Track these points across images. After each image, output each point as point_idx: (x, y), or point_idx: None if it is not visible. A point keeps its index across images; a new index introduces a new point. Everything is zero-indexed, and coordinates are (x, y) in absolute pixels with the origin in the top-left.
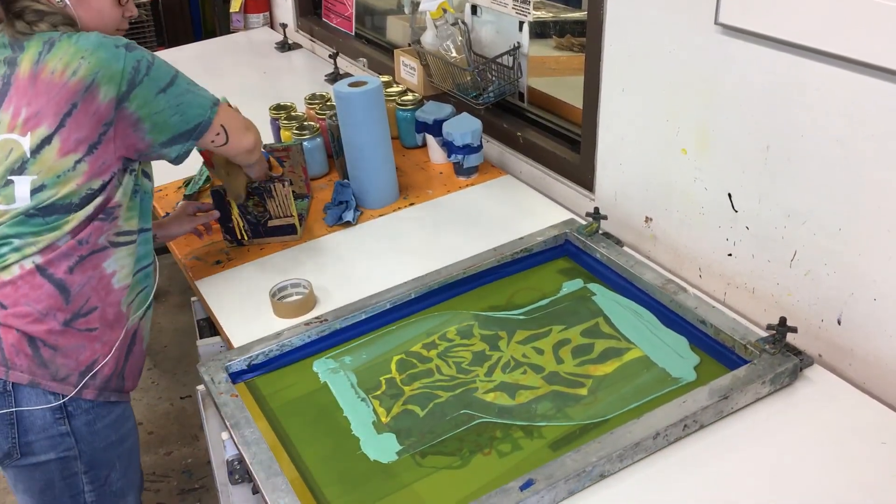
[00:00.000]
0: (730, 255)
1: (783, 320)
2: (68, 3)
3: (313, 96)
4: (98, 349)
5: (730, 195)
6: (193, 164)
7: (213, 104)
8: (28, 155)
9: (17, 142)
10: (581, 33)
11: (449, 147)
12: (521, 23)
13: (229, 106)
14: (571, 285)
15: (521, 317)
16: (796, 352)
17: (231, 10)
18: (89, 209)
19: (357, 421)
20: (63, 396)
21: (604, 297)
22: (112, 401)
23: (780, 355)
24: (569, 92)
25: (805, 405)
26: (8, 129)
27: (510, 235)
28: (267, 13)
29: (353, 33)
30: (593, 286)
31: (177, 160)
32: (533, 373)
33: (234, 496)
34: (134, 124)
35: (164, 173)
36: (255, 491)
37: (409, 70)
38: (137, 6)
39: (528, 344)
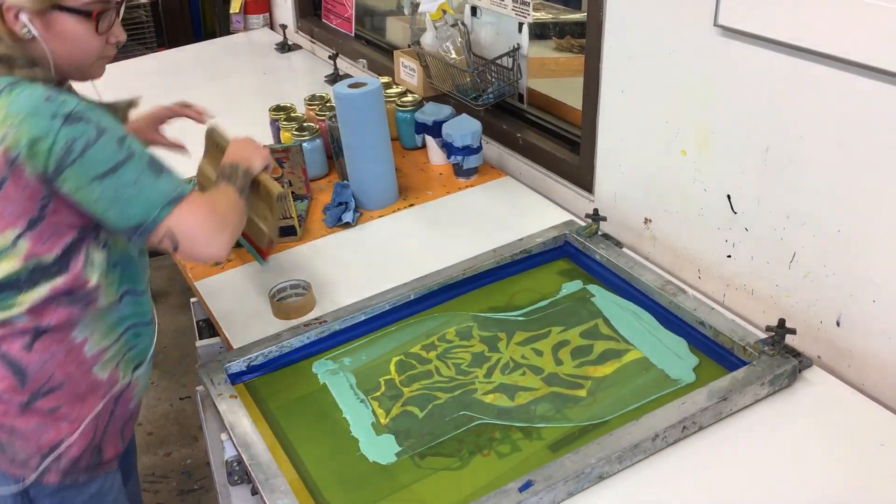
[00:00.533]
0: (729, 256)
1: (782, 322)
2: (37, 35)
3: (313, 97)
4: (64, 428)
5: (729, 196)
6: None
7: (166, 203)
8: None
9: None
10: (580, 34)
11: (448, 148)
12: (521, 24)
13: (201, 196)
14: (571, 286)
15: (521, 318)
16: (795, 353)
17: (231, 11)
18: (44, 290)
19: (356, 422)
20: (23, 480)
21: (603, 298)
22: (82, 482)
23: (779, 357)
24: (568, 93)
25: (804, 407)
26: None
27: (509, 237)
28: (267, 14)
29: (353, 34)
30: (592, 287)
31: (134, 244)
32: (532, 374)
33: (234, 497)
34: (76, 203)
35: None
36: (255, 492)
37: (408, 71)
38: (137, 7)
39: (527, 345)
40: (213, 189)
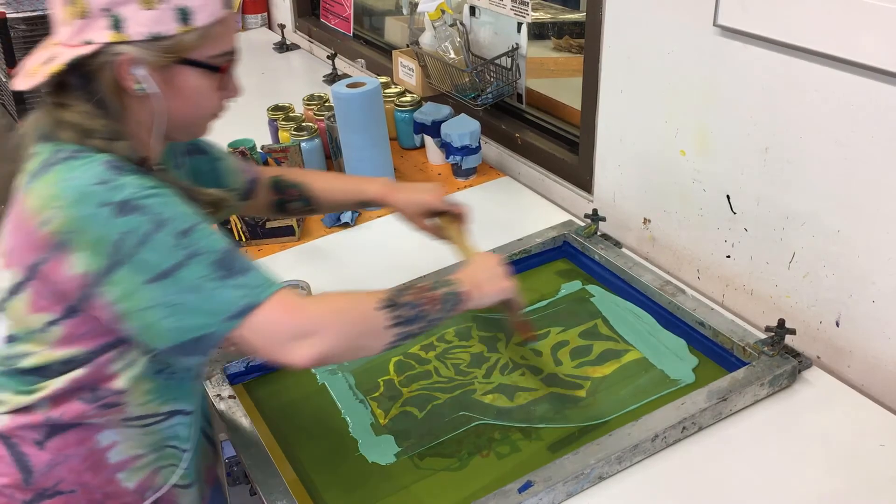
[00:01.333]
0: (728, 256)
1: (782, 322)
2: (153, 93)
3: (311, 97)
4: None
5: (728, 197)
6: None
7: (229, 316)
8: (7, 294)
9: (2, 272)
10: (580, 34)
11: (447, 148)
12: (520, 24)
13: (292, 291)
14: (570, 287)
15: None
16: (795, 354)
17: None
18: (65, 381)
19: (355, 423)
20: None
21: (602, 298)
22: None
23: (779, 357)
24: (567, 93)
25: (803, 407)
26: (1, 252)
27: (508, 237)
28: (265, 14)
29: (352, 34)
30: (592, 288)
31: (191, 363)
32: (531, 374)
33: (232, 497)
34: (117, 318)
35: None
36: (253, 492)
37: (407, 71)
38: None
39: (526, 345)
40: (350, 294)
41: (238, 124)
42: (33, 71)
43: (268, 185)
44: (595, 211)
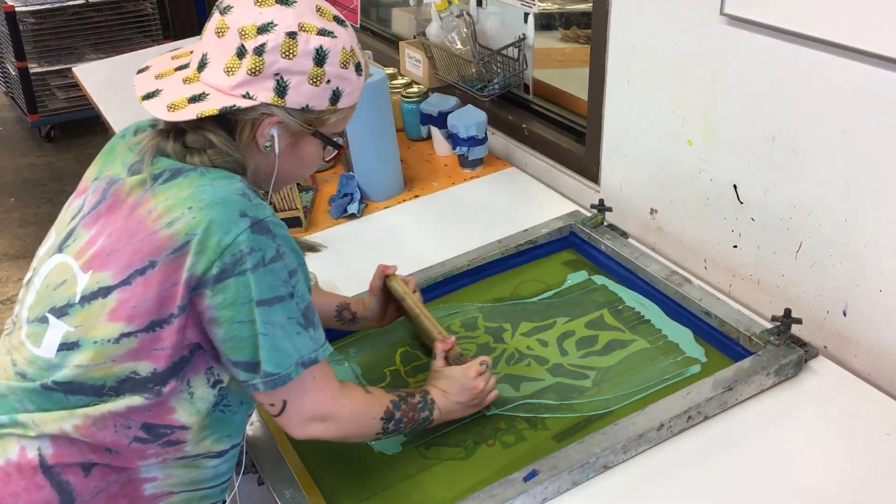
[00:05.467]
0: (735, 246)
1: (788, 312)
2: (276, 152)
3: None
4: None
5: (735, 186)
6: None
7: (298, 363)
8: (76, 299)
9: (74, 276)
10: (587, 25)
11: (454, 139)
12: (527, 14)
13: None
14: (576, 277)
15: (527, 305)
16: (801, 343)
17: None
18: (120, 406)
19: None
20: None
21: (609, 288)
22: None
23: (785, 347)
24: (574, 84)
25: (810, 397)
26: (74, 255)
27: (515, 227)
28: None
29: (359, 25)
30: (598, 278)
31: (245, 388)
32: (537, 364)
33: (240, 487)
34: (208, 322)
35: None
36: (261, 482)
37: (413, 62)
38: None
39: (532, 336)
40: (370, 400)
41: None
42: (179, 104)
43: None
44: (601, 201)
